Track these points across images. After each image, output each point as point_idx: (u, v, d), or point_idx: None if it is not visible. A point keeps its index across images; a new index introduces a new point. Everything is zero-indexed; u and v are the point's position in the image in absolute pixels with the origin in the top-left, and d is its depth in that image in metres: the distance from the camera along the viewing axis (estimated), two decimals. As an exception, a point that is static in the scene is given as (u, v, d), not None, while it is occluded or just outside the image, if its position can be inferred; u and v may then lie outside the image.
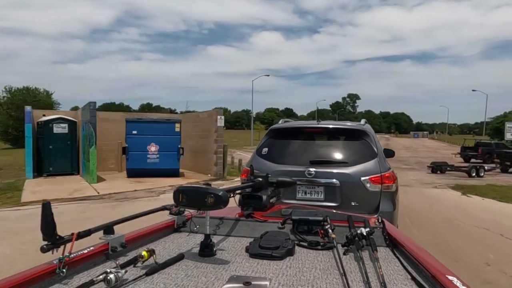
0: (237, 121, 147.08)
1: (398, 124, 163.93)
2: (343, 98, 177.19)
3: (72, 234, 1.19)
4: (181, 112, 43.88)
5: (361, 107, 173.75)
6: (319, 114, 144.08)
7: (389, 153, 4.98)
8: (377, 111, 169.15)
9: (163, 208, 1.70)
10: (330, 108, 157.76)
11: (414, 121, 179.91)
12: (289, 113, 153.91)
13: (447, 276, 1.10)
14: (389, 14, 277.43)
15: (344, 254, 1.41)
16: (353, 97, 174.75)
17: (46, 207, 1.12)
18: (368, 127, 4.42)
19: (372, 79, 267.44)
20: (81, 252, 1.23)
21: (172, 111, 71.49)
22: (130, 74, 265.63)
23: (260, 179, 1.91)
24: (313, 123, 4.61)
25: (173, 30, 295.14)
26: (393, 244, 1.53)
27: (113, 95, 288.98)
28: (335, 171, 3.99)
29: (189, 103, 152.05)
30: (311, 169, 3.99)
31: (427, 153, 35.38)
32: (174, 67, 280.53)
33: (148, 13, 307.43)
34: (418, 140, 76.49)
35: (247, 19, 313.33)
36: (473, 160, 24.52)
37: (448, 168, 17.69)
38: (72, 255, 1.17)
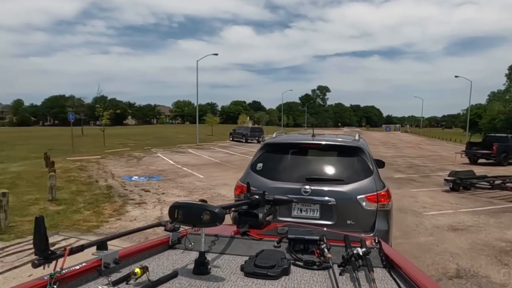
0: (200, 114, 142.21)
1: (369, 117, 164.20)
2: (313, 91, 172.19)
3: (65, 249, 1.17)
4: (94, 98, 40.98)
5: (331, 100, 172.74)
6: (288, 108, 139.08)
7: (379, 164, 4.87)
8: (347, 104, 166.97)
9: (158, 224, 1.68)
10: (299, 101, 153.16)
11: (384, 115, 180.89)
12: (256, 106, 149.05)
13: None
14: (358, 10, 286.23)
15: (340, 274, 1.39)
16: (323, 90, 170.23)
17: (39, 220, 1.11)
18: (363, 143, 4.42)
19: (342, 74, 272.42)
20: (73, 268, 1.21)
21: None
22: (97, 68, 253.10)
23: (257, 197, 1.90)
24: (308, 139, 4.54)
25: (142, 23, 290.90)
26: (390, 265, 1.51)
27: (79, 89, 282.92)
28: (331, 189, 3.96)
29: (158, 98, 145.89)
30: (307, 187, 3.95)
31: (411, 150, 31.02)
32: (143, 61, 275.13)
33: (115, 5, 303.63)
34: (392, 134, 73.89)
35: (218, 13, 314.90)
36: (482, 160, 18.82)
37: (482, 184, 10.39)
38: (64, 271, 1.14)
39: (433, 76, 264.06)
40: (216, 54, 36.85)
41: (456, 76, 51.05)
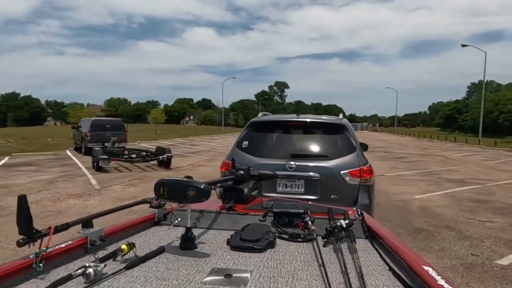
0: (138, 114, 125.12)
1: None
2: (270, 87, 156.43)
3: (50, 228, 1.17)
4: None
5: (291, 98, 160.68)
6: (242, 106, 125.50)
7: (363, 147, 4.90)
8: (308, 103, 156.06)
9: (144, 201, 1.68)
10: (255, 99, 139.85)
11: (347, 114, 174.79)
12: (206, 104, 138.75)
13: (423, 266, 1.13)
14: (318, 13, 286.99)
15: (324, 246, 1.42)
16: (281, 86, 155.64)
17: (22, 200, 1.10)
18: (346, 122, 4.47)
19: (304, 76, 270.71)
20: (59, 246, 1.21)
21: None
22: (52, 70, 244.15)
23: (242, 172, 1.91)
24: (292, 117, 4.57)
25: (100, 24, 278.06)
26: (372, 235, 1.55)
27: (32, 91, 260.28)
28: (315, 164, 4.00)
29: (118, 101, 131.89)
30: (291, 163, 3.99)
31: (446, 165, 15.57)
32: (101, 63, 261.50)
33: (71, 4, 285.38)
34: (364, 133, 66.60)
35: (179, 14, 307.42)
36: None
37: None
38: (50, 249, 1.14)
39: (390, 78, 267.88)
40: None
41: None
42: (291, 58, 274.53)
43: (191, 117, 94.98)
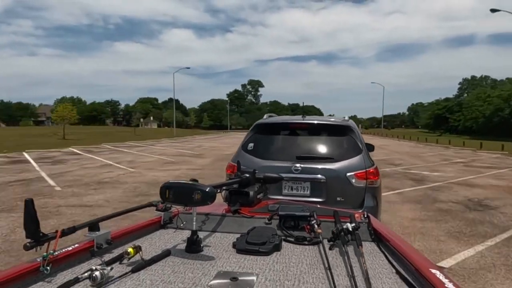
0: (93, 115, 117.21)
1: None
2: (243, 86, 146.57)
3: (56, 231, 1.17)
4: None
5: (266, 98, 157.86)
6: (212, 106, 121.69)
7: (369, 148, 4.87)
8: (284, 103, 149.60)
9: (150, 205, 1.68)
10: (227, 98, 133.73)
11: (325, 115, 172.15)
12: (175, 105, 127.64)
13: (430, 269, 1.12)
14: (296, 16, 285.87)
15: (330, 249, 1.42)
16: (255, 85, 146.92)
17: (29, 203, 1.11)
18: (352, 123, 4.44)
19: (283, 78, 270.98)
20: (66, 249, 1.22)
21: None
22: (25, 71, 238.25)
23: (247, 175, 1.91)
24: (298, 119, 4.56)
25: (75, 24, 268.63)
26: (378, 238, 1.55)
27: (2, 93, 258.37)
28: (321, 166, 3.99)
29: (71, 101, 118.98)
30: (297, 165, 3.98)
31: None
32: (77, 64, 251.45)
33: (44, 4, 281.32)
34: None
35: (157, 15, 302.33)
36: None
37: None
38: (56, 253, 1.15)
39: (367, 80, 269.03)
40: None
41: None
42: (270, 61, 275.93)
43: (151, 118, 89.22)
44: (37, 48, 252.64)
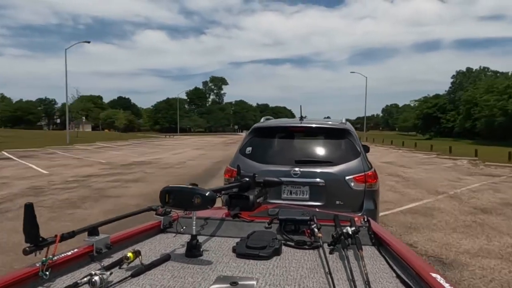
0: (18, 116, 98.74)
1: (280, 118, 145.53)
2: (204, 83, 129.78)
3: (56, 236, 1.17)
4: None
5: (232, 97, 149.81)
6: (167, 106, 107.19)
7: (365, 149, 4.84)
8: (253, 103, 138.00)
9: (149, 209, 1.68)
10: (186, 97, 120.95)
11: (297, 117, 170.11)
12: (123, 103, 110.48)
13: (431, 273, 1.12)
14: (270, 19, 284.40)
15: (330, 253, 1.42)
16: (218, 82, 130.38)
17: (29, 208, 1.11)
18: (350, 126, 4.44)
19: (257, 81, 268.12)
20: (65, 254, 1.22)
21: None
22: None
23: (247, 179, 1.91)
24: (296, 122, 4.55)
25: (42, 24, 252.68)
26: (379, 242, 1.55)
27: None
28: (320, 170, 3.99)
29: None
30: (296, 169, 3.98)
31: None
32: (44, 65, 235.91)
33: (9, 2, 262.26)
34: None
35: (129, 16, 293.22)
36: None
37: None
38: (56, 257, 1.15)
39: (338, 84, 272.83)
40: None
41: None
42: (244, 63, 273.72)
43: (83, 118, 71.41)
44: (1, 48, 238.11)
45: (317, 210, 2.20)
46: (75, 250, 1.26)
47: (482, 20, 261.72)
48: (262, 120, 5.00)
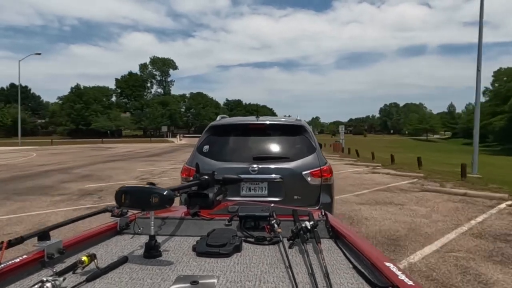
0: None
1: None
2: (143, 66, 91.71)
3: (2, 242, 1.12)
4: None
5: (184, 88, 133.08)
6: (77, 97, 78.67)
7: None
8: (220, 100, 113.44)
9: (105, 210, 1.63)
10: (115, 87, 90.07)
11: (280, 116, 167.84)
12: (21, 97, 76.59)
13: (384, 263, 1.17)
14: (259, 22, 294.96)
15: (290, 247, 1.44)
16: (163, 66, 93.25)
17: None
18: (305, 123, 4.54)
19: (245, 84, 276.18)
20: (13, 261, 1.15)
21: None
22: None
23: (206, 177, 1.88)
24: (252, 119, 4.58)
25: (26, 25, 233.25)
26: (336, 235, 1.58)
27: None
28: (277, 166, 4.05)
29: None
30: (254, 165, 4.00)
31: None
32: (28, 67, 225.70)
33: None
34: None
35: (116, 18, 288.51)
36: None
37: None
38: (2, 265, 1.09)
39: (326, 87, 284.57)
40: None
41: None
42: (232, 66, 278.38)
43: None
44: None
45: (276, 205, 2.23)
46: (24, 256, 1.20)
47: (466, 25, 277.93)
48: (218, 118, 5.00)
